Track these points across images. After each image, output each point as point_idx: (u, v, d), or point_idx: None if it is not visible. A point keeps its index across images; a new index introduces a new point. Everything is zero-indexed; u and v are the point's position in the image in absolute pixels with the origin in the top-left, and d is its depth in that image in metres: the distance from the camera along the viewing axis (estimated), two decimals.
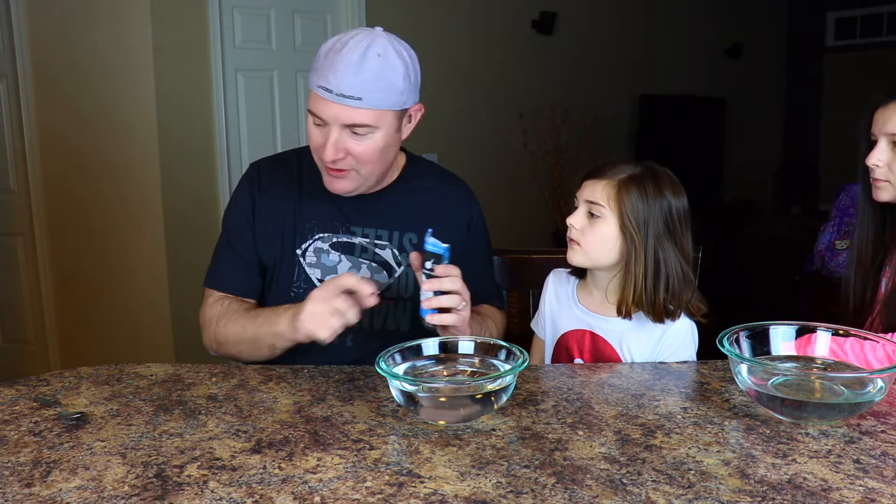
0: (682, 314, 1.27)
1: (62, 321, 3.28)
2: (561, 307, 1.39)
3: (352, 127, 1.26)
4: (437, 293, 1.17)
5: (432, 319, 1.17)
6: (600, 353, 1.31)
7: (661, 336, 1.28)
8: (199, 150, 3.07)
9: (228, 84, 3.14)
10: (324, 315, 1.18)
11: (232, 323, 1.35)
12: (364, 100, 1.23)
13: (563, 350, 1.36)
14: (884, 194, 1.33)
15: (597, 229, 1.26)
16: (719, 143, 5.67)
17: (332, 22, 3.43)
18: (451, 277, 1.18)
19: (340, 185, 1.35)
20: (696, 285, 1.28)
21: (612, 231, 1.25)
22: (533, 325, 1.49)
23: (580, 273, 1.37)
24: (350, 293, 1.19)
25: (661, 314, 1.24)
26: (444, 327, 1.20)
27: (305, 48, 3.32)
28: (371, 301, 1.20)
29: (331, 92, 1.23)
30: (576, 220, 1.28)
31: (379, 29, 1.29)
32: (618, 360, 1.29)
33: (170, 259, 2.94)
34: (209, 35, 3.03)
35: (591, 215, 1.27)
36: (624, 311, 1.26)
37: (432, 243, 1.17)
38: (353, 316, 1.18)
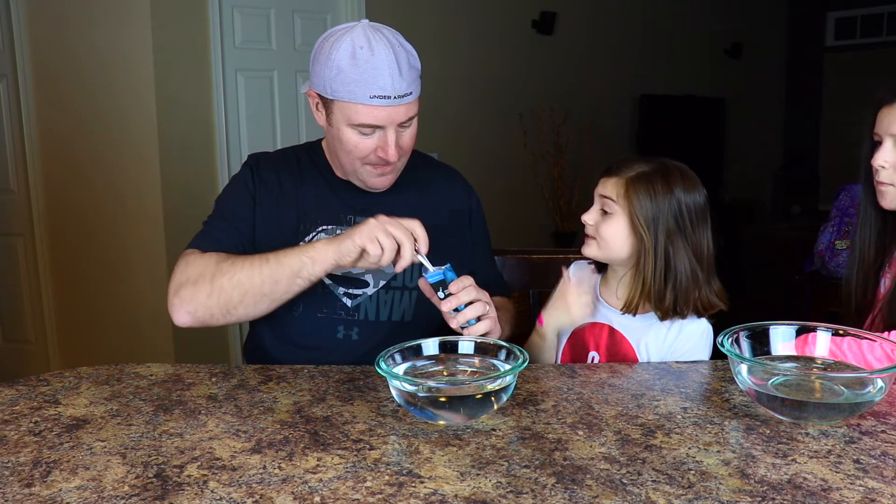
0: (695, 314, 1.27)
1: (62, 321, 3.28)
2: None
3: (403, 122, 1.29)
4: (461, 307, 1.20)
5: (469, 333, 1.20)
6: (617, 348, 1.31)
7: (678, 335, 1.28)
8: (199, 150, 3.07)
9: (228, 84, 3.14)
10: (381, 237, 1.17)
11: (240, 265, 1.25)
12: (413, 92, 1.28)
13: (580, 342, 1.37)
14: (888, 198, 1.29)
15: (609, 225, 1.27)
16: (719, 143, 5.67)
17: (332, 22, 3.43)
18: (466, 289, 1.19)
19: (387, 181, 1.37)
20: (711, 279, 1.27)
21: (622, 228, 1.26)
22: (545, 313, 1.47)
23: (600, 267, 1.38)
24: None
25: (668, 312, 1.25)
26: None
27: (305, 48, 3.32)
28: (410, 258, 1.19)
29: (389, 98, 1.24)
30: (589, 217, 1.30)
31: (365, 21, 1.29)
32: (634, 358, 1.30)
33: (170, 259, 2.94)
34: (209, 35, 3.03)
35: (604, 212, 1.28)
36: (631, 308, 1.27)
37: (432, 274, 1.20)
38: (407, 250, 1.18)
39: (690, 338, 1.28)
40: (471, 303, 1.19)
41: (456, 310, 1.19)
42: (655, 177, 1.25)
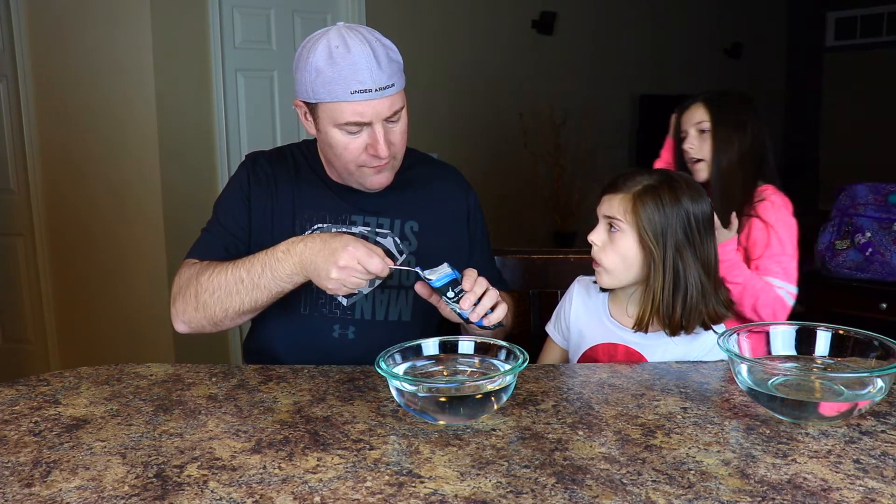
0: (702, 328, 1.25)
1: (62, 321, 3.28)
2: (590, 319, 1.37)
3: (389, 117, 1.28)
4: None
5: (489, 322, 1.19)
6: None
7: (701, 348, 1.26)
8: (199, 150, 3.07)
9: (228, 84, 3.13)
10: (347, 281, 1.19)
11: (217, 283, 1.27)
12: (395, 84, 1.27)
13: (592, 362, 1.33)
14: (702, 174, 1.71)
15: (617, 245, 1.25)
16: None
17: (331, 22, 3.43)
18: (478, 281, 1.19)
19: (384, 179, 1.36)
20: (718, 290, 1.26)
21: (631, 245, 1.24)
22: (549, 329, 1.47)
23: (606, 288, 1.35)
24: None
25: (676, 328, 1.23)
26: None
27: None
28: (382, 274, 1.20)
29: (371, 91, 1.24)
30: (596, 237, 1.28)
31: (340, 23, 1.30)
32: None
33: (169, 259, 2.94)
34: (209, 35, 3.03)
35: (612, 230, 1.26)
36: (642, 326, 1.25)
37: (437, 279, 1.18)
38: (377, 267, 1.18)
39: (714, 349, 1.25)
40: (483, 293, 1.19)
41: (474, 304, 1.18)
42: (662, 188, 1.22)
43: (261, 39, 3.24)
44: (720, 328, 1.27)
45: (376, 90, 1.24)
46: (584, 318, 1.38)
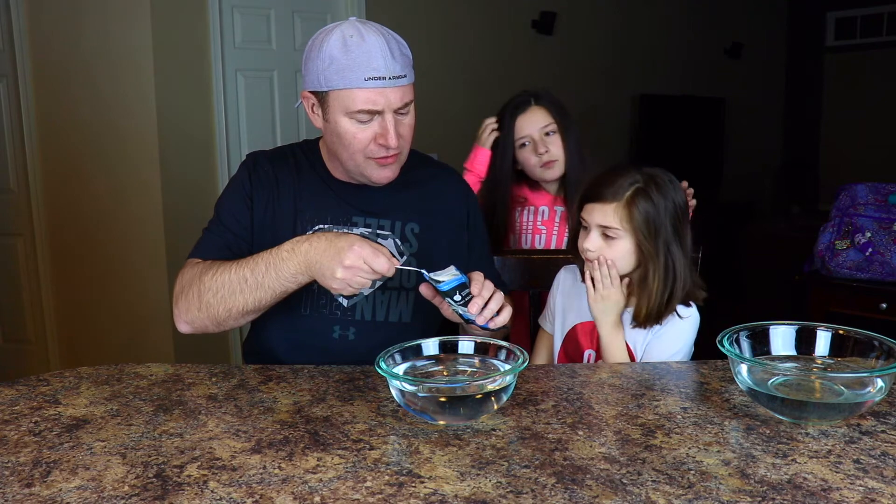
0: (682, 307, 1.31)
1: (62, 321, 3.28)
2: (571, 301, 1.42)
3: (399, 108, 1.29)
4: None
5: (495, 324, 1.20)
6: None
7: (678, 326, 1.31)
8: (199, 150, 3.07)
9: (228, 84, 3.13)
10: (352, 281, 1.18)
11: (221, 282, 1.26)
12: (407, 76, 1.29)
13: (574, 342, 1.39)
14: (556, 172, 1.84)
15: (614, 249, 1.29)
16: (719, 144, 5.67)
17: (331, 22, 3.43)
18: (485, 285, 1.20)
19: (390, 173, 1.36)
20: (693, 276, 1.32)
21: (629, 247, 1.29)
22: (540, 320, 1.52)
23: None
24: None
25: (662, 317, 1.29)
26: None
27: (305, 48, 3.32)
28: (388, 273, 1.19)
29: (384, 79, 1.25)
30: (592, 245, 1.31)
31: (353, 18, 1.31)
32: (629, 351, 1.32)
33: (170, 259, 2.94)
34: (209, 35, 3.03)
35: (606, 237, 1.30)
36: (641, 322, 1.30)
37: (445, 282, 1.18)
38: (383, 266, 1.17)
39: (689, 328, 1.31)
40: (490, 296, 1.20)
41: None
42: (650, 187, 1.27)
43: (261, 39, 3.24)
44: (688, 310, 1.31)
45: (390, 78, 1.25)
46: (568, 299, 1.43)
